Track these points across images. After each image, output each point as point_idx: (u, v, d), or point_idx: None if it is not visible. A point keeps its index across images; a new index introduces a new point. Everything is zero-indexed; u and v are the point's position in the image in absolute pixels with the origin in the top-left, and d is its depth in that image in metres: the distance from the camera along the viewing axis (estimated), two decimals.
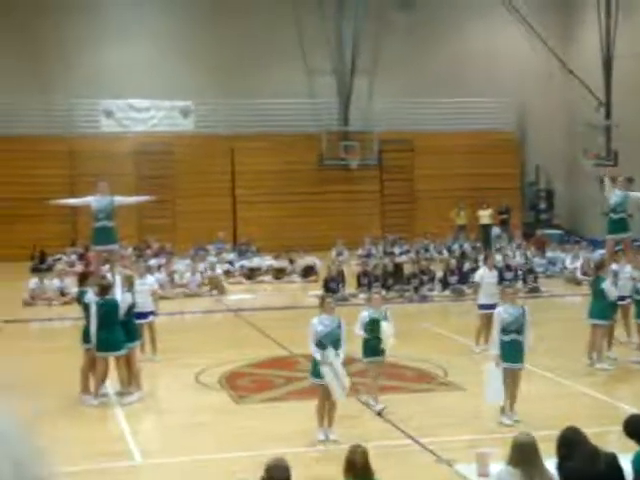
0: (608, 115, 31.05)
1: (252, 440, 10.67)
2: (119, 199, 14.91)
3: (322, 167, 32.15)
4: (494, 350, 11.34)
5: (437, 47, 33.17)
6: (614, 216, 15.85)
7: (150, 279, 15.71)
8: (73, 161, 30.57)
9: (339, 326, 10.58)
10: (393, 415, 11.58)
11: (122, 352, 12.62)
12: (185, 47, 31.51)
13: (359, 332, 11.68)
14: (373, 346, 11.66)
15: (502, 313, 11.40)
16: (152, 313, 15.29)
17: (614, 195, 15.91)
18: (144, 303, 14.69)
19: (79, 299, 13.38)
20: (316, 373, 10.53)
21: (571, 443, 7.09)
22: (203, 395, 13.10)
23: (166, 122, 31.64)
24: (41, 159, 29.91)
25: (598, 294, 14.26)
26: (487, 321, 15.62)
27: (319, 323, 10.56)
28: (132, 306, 13.23)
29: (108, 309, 12.56)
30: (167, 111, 31.65)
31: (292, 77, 31.83)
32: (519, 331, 11.24)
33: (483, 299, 15.79)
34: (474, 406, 12.28)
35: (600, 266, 14.92)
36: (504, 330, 11.24)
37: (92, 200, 14.57)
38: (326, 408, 10.55)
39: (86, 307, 12.81)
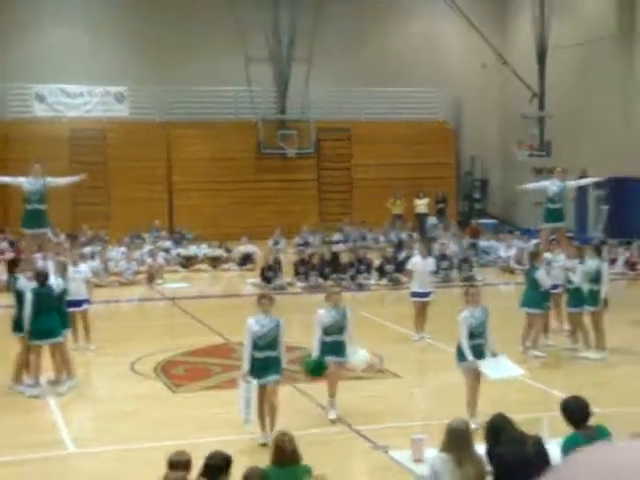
0: (542, 106, 31.52)
1: (188, 429, 10.60)
2: (51, 180, 14.76)
3: (259, 155, 32.04)
4: (469, 356, 10.39)
5: (374, 36, 33.32)
6: (551, 206, 16.12)
7: (84, 267, 15.49)
8: (6, 145, 29.93)
9: (277, 326, 10.01)
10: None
11: (59, 339, 12.44)
12: (120, 32, 31.10)
13: (316, 338, 10.73)
14: (331, 346, 10.81)
15: (469, 317, 10.51)
16: (86, 301, 15.10)
17: (552, 185, 16.18)
18: (78, 291, 14.51)
19: (11, 286, 13.10)
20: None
21: (498, 429, 7.24)
22: (138, 384, 12.98)
23: (100, 108, 31.18)
24: None
25: (532, 283, 14.48)
26: (420, 309, 15.82)
27: (255, 323, 9.94)
28: (63, 293, 13.03)
29: (45, 296, 12.34)
30: (101, 97, 31.19)
31: (229, 64, 31.61)
32: (482, 335, 10.54)
33: (416, 287, 15.92)
34: (409, 394, 12.40)
35: (535, 256, 15.15)
36: (471, 335, 10.44)
37: (24, 181, 14.36)
38: (265, 410, 10.04)
39: (18, 295, 12.56)
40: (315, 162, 32.98)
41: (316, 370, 10.78)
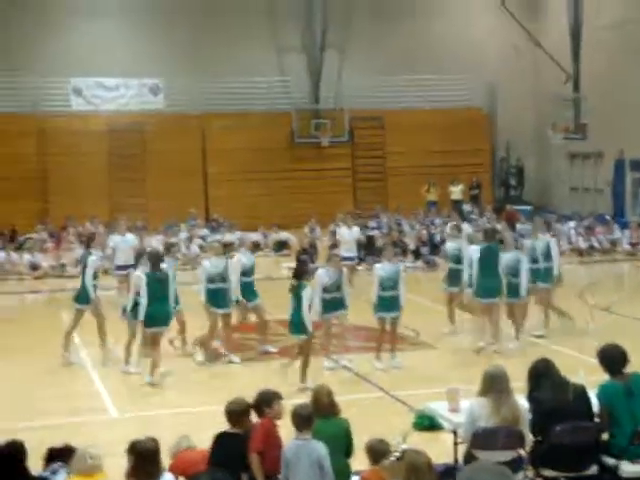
0: (576, 88, 31.21)
1: (221, 395, 10.72)
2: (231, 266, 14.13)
3: (293, 145, 32.16)
4: None
5: (406, 24, 33.12)
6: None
7: None
8: (43, 140, 30.32)
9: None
10: (366, 372, 11.70)
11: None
12: (154, 24, 31.30)
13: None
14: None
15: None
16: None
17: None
18: None
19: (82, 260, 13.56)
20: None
21: (541, 374, 7.25)
22: (178, 357, 13.16)
23: (136, 100, 31.44)
24: (10, 138, 29.56)
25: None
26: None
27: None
28: None
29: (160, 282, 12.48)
30: (137, 89, 31.47)
31: (262, 54, 31.75)
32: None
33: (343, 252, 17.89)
34: (446, 363, 12.44)
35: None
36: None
37: (207, 265, 13.74)
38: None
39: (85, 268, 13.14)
40: (349, 151, 33.02)
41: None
